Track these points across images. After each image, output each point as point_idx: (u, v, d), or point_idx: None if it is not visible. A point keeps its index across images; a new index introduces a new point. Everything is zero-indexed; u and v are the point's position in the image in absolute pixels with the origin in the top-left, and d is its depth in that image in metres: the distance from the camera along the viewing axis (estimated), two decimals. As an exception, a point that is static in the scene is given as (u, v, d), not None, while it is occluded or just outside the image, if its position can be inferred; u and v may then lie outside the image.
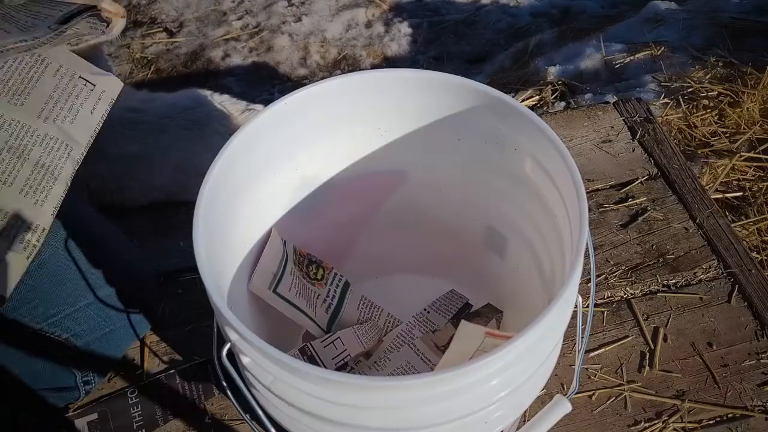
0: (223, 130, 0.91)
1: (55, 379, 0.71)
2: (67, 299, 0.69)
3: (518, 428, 0.64)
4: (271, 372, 0.45)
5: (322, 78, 0.60)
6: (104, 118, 0.56)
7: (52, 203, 0.51)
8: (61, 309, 0.68)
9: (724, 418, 0.69)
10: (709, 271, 0.80)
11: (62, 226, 0.70)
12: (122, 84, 0.60)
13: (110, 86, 0.56)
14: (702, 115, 1.11)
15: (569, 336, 0.73)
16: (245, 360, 0.46)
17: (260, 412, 0.50)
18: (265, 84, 1.36)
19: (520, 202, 0.61)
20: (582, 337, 0.55)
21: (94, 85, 0.55)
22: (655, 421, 0.69)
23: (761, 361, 0.72)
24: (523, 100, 1.20)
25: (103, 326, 0.72)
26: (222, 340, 0.49)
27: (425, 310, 0.70)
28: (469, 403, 0.45)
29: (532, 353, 0.46)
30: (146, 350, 0.77)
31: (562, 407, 0.52)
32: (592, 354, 0.74)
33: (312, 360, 0.60)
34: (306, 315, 0.64)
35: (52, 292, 0.67)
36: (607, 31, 1.35)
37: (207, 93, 0.96)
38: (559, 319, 0.48)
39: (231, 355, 0.49)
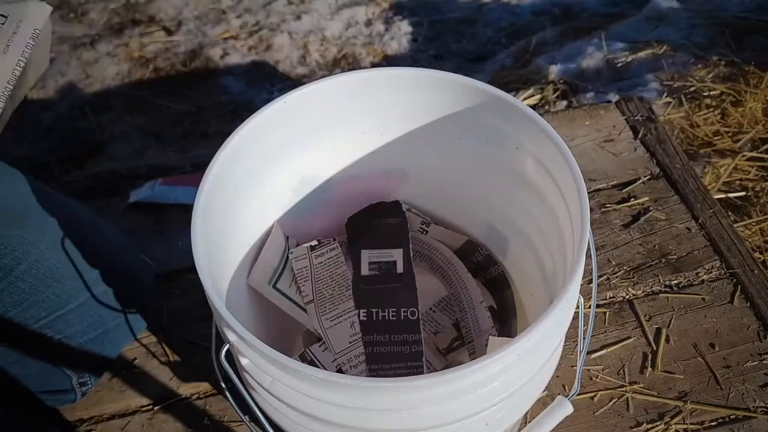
0: None
1: (51, 382, 0.70)
2: (58, 301, 0.68)
3: (519, 430, 0.64)
4: (269, 373, 0.44)
5: (322, 77, 0.60)
6: (25, 57, 0.47)
7: None
8: (52, 311, 0.68)
9: (727, 419, 0.68)
10: (712, 272, 0.80)
11: (56, 226, 0.69)
12: (50, 8, 0.50)
13: (29, 15, 0.46)
14: (704, 114, 1.10)
15: (571, 337, 0.72)
16: (244, 361, 0.46)
17: (259, 414, 0.50)
18: (265, 83, 1.35)
19: (521, 201, 0.60)
20: (584, 338, 0.55)
21: (5, 17, 0.46)
22: (657, 423, 0.68)
23: (764, 362, 0.72)
24: (524, 99, 1.19)
25: (97, 327, 0.72)
26: (221, 340, 0.49)
27: (431, 309, 0.69)
28: (470, 405, 0.45)
29: (533, 354, 0.46)
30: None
31: (563, 408, 0.52)
32: (594, 355, 0.74)
33: (312, 365, 0.60)
34: (305, 312, 0.64)
35: (43, 295, 0.67)
36: (609, 30, 1.35)
37: None
38: (561, 320, 0.48)
39: (230, 355, 0.48)
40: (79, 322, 0.70)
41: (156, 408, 0.73)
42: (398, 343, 0.61)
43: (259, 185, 0.60)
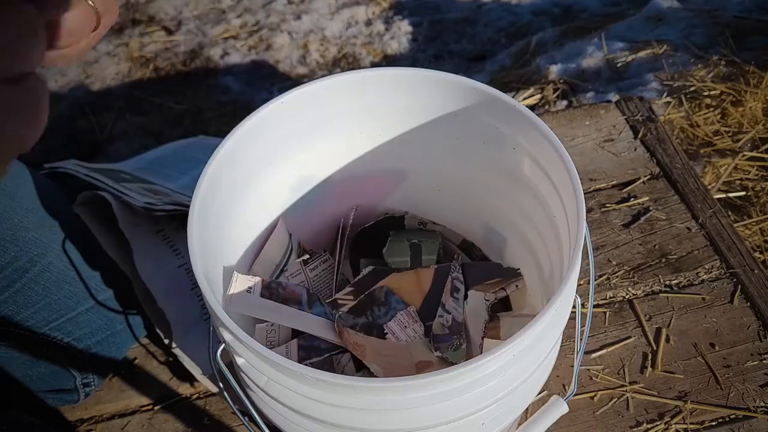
0: None
1: (55, 382, 0.70)
2: (69, 303, 0.68)
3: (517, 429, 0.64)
4: (264, 373, 0.44)
5: (322, 76, 0.59)
6: None
7: None
8: (64, 313, 0.68)
9: (727, 419, 0.68)
10: (712, 272, 0.80)
11: (68, 228, 0.70)
12: None
13: None
14: (704, 114, 1.10)
15: (572, 336, 0.72)
16: (239, 361, 0.46)
17: (255, 413, 0.50)
18: (264, 82, 1.35)
19: (518, 201, 0.60)
20: (581, 339, 0.54)
21: None
22: (657, 422, 0.68)
23: (764, 361, 0.72)
24: (524, 99, 1.19)
25: (105, 329, 0.72)
26: (218, 340, 0.49)
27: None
28: (466, 404, 0.44)
29: (529, 355, 0.45)
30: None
31: (558, 408, 0.52)
32: (594, 355, 0.73)
33: None
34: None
35: (55, 297, 0.67)
36: (609, 30, 1.34)
37: None
38: (557, 320, 0.48)
39: (226, 355, 0.48)
40: (88, 324, 0.70)
41: (156, 408, 0.73)
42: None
43: (257, 184, 0.60)
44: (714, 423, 0.68)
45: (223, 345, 0.47)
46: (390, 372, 0.56)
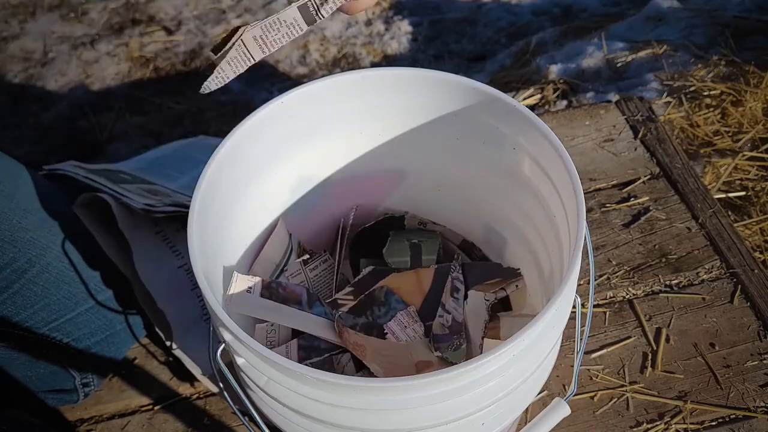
0: None
1: (55, 382, 0.70)
2: (68, 304, 0.68)
3: (518, 429, 0.64)
4: (264, 373, 0.44)
5: (322, 76, 0.60)
6: None
7: None
8: (63, 314, 0.68)
9: (727, 419, 0.68)
10: (712, 272, 0.80)
11: (67, 228, 0.70)
12: None
13: None
14: (704, 114, 1.10)
15: (572, 336, 0.72)
16: (239, 361, 0.46)
17: (255, 413, 0.50)
18: (264, 82, 1.35)
19: (518, 201, 0.60)
20: (581, 339, 0.54)
21: None
22: (657, 422, 0.68)
23: (764, 361, 0.72)
24: (524, 99, 1.19)
25: (104, 330, 0.72)
26: (218, 340, 0.49)
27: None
28: (466, 405, 0.44)
29: (529, 355, 0.45)
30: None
31: (560, 410, 0.51)
32: (594, 355, 0.73)
33: None
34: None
35: (54, 297, 0.67)
36: (609, 30, 1.35)
37: None
38: (557, 320, 0.48)
39: (226, 355, 0.48)
40: (87, 324, 0.70)
41: (156, 408, 0.73)
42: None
43: (257, 184, 0.60)
44: (714, 423, 0.68)
45: (223, 345, 0.47)
46: (390, 372, 0.56)
